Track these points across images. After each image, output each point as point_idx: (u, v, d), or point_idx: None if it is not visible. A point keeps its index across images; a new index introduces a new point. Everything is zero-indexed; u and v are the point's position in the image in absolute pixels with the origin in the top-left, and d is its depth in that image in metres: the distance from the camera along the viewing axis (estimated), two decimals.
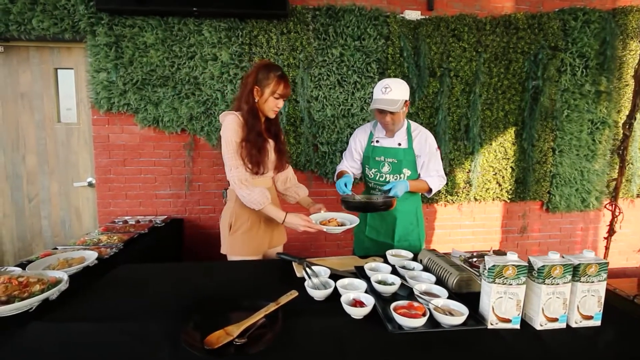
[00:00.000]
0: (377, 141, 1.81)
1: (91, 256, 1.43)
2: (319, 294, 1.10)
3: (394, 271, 1.29)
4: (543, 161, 2.91)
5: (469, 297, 1.06)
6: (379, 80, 2.60)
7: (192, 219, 2.68)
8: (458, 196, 2.88)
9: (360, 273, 1.31)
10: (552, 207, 3.01)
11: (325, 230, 1.51)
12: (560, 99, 2.85)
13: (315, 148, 2.66)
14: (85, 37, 2.37)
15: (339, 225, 1.55)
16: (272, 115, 1.56)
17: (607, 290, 0.98)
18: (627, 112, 2.96)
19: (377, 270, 1.30)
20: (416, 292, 1.07)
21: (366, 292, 1.10)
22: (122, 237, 1.83)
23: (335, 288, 1.12)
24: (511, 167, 2.90)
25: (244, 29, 2.45)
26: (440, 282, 1.20)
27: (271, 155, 1.60)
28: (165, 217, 2.50)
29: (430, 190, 1.77)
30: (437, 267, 1.29)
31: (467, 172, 2.85)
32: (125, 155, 2.55)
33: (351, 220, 1.58)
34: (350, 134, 2.63)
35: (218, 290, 1.22)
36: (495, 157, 2.86)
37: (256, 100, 1.51)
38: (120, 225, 2.19)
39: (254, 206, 1.48)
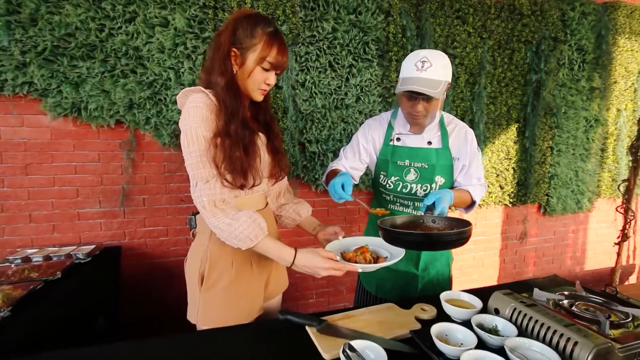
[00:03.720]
0: (399, 139, 1.32)
1: None
2: None
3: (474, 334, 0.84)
4: (542, 161, 2.69)
5: None
6: (378, 65, 2.14)
7: (135, 246, 1.94)
8: None
9: (421, 342, 0.83)
10: (550, 210, 2.82)
11: (360, 270, 0.99)
12: (559, 95, 2.66)
13: (302, 147, 2.10)
14: None
15: (373, 259, 1.04)
16: (258, 98, 1.00)
17: None
18: (615, 110, 2.91)
19: (452, 337, 0.85)
20: None
21: None
22: (11, 294, 1.10)
23: None
24: (513, 168, 2.63)
25: None
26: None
27: (264, 157, 1.04)
28: (94, 246, 1.74)
29: (472, 203, 1.32)
30: (538, 326, 0.84)
31: None
32: (28, 158, 1.75)
33: (392, 251, 1.08)
34: (345, 130, 2.15)
35: None
36: (498, 157, 2.57)
37: (235, 72, 0.95)
38: (15, 267, 1.40)
39: (240, 244, 0.90)
